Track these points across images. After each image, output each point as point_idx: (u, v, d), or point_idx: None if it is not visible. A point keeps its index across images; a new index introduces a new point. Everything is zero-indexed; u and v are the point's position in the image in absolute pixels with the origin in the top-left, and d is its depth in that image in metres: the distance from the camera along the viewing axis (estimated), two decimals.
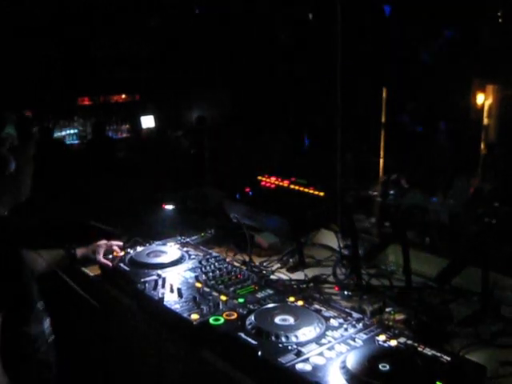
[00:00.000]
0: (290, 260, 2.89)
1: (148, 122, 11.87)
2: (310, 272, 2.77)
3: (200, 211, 3.38)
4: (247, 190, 3.00)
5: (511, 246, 2.59)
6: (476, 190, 4.05)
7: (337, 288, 2.52)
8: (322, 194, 2.68)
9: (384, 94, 6.84)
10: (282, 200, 2.88)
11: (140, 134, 11.62)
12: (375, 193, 3.61)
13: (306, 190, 2.79)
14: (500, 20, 8.22)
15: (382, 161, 6.00)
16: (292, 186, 2.88)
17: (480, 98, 8.56)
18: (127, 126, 11.95)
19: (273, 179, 3.00)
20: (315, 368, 1.78)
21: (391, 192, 3.73)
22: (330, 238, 2.96)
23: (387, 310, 2.32)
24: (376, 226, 3.19)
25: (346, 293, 2.47)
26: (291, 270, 2.80)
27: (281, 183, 2.97)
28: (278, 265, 2.84)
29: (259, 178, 3.01)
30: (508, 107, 8.21)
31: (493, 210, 3.32)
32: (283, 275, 2.73)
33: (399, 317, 2.28)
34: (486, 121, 8.36)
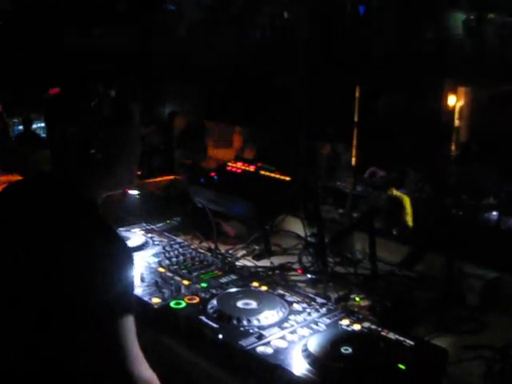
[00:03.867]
0: (256, 248, 2.84)
1: None
2: (277, 260, 2.74)
3: (166, 198, 3.33)
4: (212, 174, 2.96)
5: (475, 235, 2.58)
6: (440, 183, 4.07)
7: (300, 271, 2.49)
8: (288, 179, 2.64)
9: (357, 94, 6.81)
10: (248, 185, 2.85)
11: None
12: (344, 184, 3.58)
13: (273, 175, 2.75)
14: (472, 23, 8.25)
15: (354, 153, 5.99)
16: (259, 171, 2.84)
17: (451, 100, 8.57)
18: None
19: (239, 164, 2.97)
20: (276, 351, 1.75)
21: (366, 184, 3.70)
22: (297, 226, 2.93)
23: (352, 296, 2.29)
24: (344, 215, 3.17)
25: (309, 276, 2.45)
26: (257, 257, 2.76)
27: (247, 168, 2.93)
28: (244, 252, 2.80)
29: (226, 163, 2.97)
30: (479, 109, 8.23)
31: (460, 202, 3.32)
32: (249, 262, 2.69)
33: (364, 303, 2.25)
34: (457, 122, 8.38)
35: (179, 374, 1.97)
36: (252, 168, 2.92)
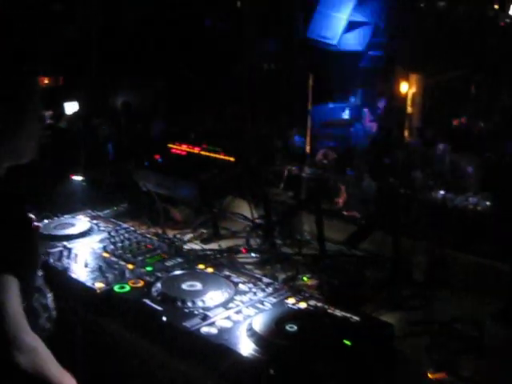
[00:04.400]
0: (204, 232, 2.81)
1: (72, 107, 11.51)
2: (225, 243, 2.71)
3: (113, 184, 3.26)
4: (157, 157, 2.91)
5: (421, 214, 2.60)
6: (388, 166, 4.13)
7: (244, 250, 2.47)
8: (232, 159, 2.61)
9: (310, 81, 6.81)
10: (193, 166, 2.81)
11: (61, 120, 11.27)
12: (294, 168, 3.57)
13: (217, 156, 2.72)
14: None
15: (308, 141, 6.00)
16: (203, 153, 2.80)
17: (404, 87, 8.65)
18: (50, 112, 11.57)
19: (184, 146, 2.92)
20: (221, 331, 1.73)
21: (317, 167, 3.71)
22: (245, 208, 2.91)
23: (300, 276, 2.28)
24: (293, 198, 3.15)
25: (253, 255, 2.43)
26: (205, 241, 2.73)
27: (192, 150, 2.89)
28: (191, 235, 2.76)
29: (170, 145, 2.92)
30: (431, 96, 8.33)
31: (408, 182, 3.36)
32: (197, 246, 2.65)
33: (312, 283, 2.24)
34: (409, 109, 8.46)
35: (124, 358, 1.93)
36: (196, 150, 2.88)
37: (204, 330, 1.73)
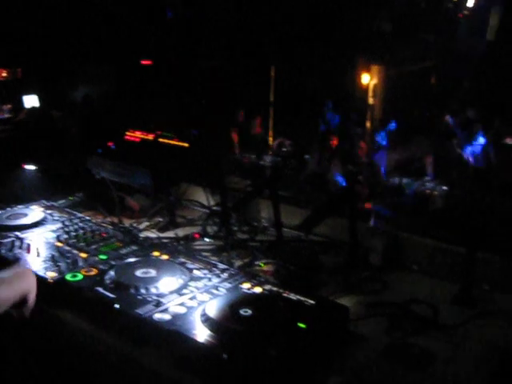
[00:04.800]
0: (161, 220, 2.78)
1: (31, 101, 11.30)
2: (182, 231, 2.68)
3: (68, 174, 3.20)
4: (110, 144, 2.86)
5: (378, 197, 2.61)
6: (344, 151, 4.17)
7: (197, 235, 2.44)
8: (186, 145, 2.58)
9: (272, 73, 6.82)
10: (147, 153, 2.77)
11: (21, 113, 11.06)
12: (253, 156, 3.56)
13: (171, 142, 2.68)
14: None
15: (271, 134, 6.01)
16: (157, 139, 2.76)
17: (365, 78, 8.70)
18: (9, 105, 11.34)
19: (138, 133, 2.88)
20: (175, 317, 1.71)
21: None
22: (201, 196, 2.88)
23: (257, 262, 2.26)
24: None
25: (207, 240, 2.41)
26: (162, 229, 2.70)
27: (146, 136, 2.85)
28: (147, 223, 2.73)
29: (123, 132, 2.88)
30: (392, 87, 8.40)
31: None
32: (153, 234, 2.62)
33: (268, 268, 2.22)
34: (371, 100, 8.51)
35: (77, 347, 1.90)
36: (151, 136, 2.84)
37: (157, 316, 1.71)
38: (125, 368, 1.76)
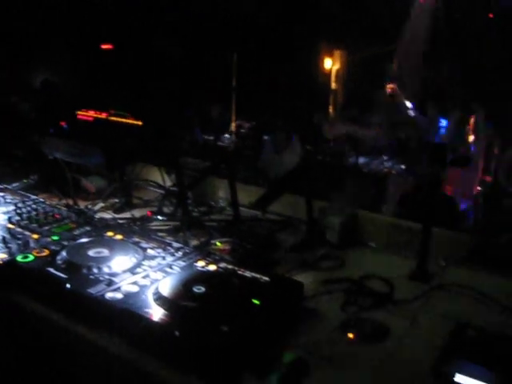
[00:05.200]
0: (117, 201, 2.73)
1: None
2: (138, 212, 2.64)
3: (21, 156, 3.13)
4: (62, 123, 2.80)
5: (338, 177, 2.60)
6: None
7: (149, 213, 2.41)
8: (140, 123, 2.54)
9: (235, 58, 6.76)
10: (100, 132, 2.72)
11: None
12: (211, 137, 3.53)
13: (125, 120, 2.63)
14: None
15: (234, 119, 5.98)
16: (111, 118, 2.71)
17: (328, 63, 8.69)
18: None
19: (91, 112, 2.82)
20: (127, 296, 1.67)
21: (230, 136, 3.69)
22: (157, 176, 2.84)
23: (213, 241, 2.24)
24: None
25: (160, 218, 2.38)
26: (118, 211, 2.66)
27: (99, 115, 2.79)
28: (102, 204, 2.68)
29: (76, 111, 2.82)
30: (354, 72, 8.40)
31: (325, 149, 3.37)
32: (108, 215, 2.58)
33: (225, 247, 2.20)
34: (333, 85, 8.51)
35: (29, 329, 1.86)
36: (104, 115, 2.79)
37: (109, 295, 1.67)
38: (78, 349, 1.73)
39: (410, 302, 1.93)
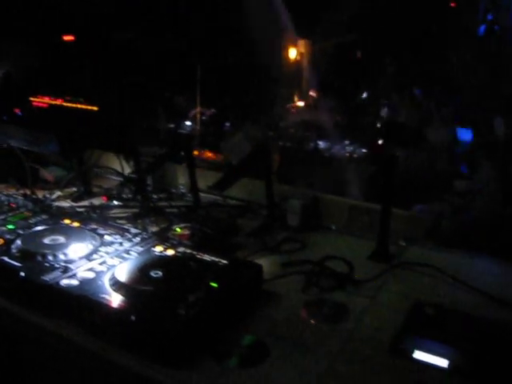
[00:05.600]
0: (75, 190, 2.69)
1: None
2: (98, 201, 2.61)
3: None
4: (16, 110, 2.74)
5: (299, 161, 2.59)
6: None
7: (104, 198, 2.38)
8: (95, 108, 2.49)
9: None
10: (55, 118, 2.66)
11: None
12: (172, 125, 3.49)
13: (80, 106, 2.59)
14: None
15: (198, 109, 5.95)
16: (66, 104, 2.66)
17: (292, 53, 8.69)
18: None
19: (46, 98, 2.77)
20: (83, 282, 1.65)
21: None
22: (116, 163, 2.80)
23: (173, 227, 2.22)
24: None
25: (116, 203, 2.35)
26: (76, 199, 2.61)
27: (54, 102, 2.74)
28: (59, 193, 2.64)
29: (30, 98, 2.76)
30: (319, 60, 8.41)
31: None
32: (67, 204, 2.54)
33: (184, 232, 2.18)
34: (299, 73, 8.51)
35: None
36: (59, 101, 2.73)
37: (64, 282, 1.64)
38: (34, 338, 1.70)
39: (370, 281, 1.92)
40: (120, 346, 1.51)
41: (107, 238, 1.94)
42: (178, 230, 2.20)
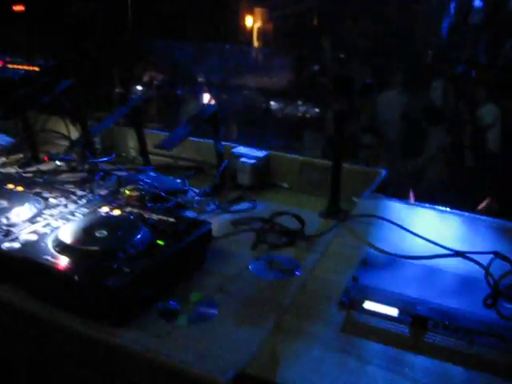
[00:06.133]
0: (22, 156, 2.62)
1: None
2: (46, 167, 2.54)
3: None
4: None
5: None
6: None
7: (46, 158, 2.33)
8: (36, 69, 2.41)
9: None
10: None
11: None
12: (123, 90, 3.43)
13: (21, 67, 2.50)
14: None
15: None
16: (6, 66, 2.56)
17: (249, 21, 8.59)
18: None
19: None
20: (25, 245, 1.60)
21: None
22: (63, 128, 2.73)
23: (122, 190, 2.17)
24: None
25: (58, 163, 2.29)
26: (23, 165, 2.54)
27: None
28: (4, 159, 2.57)
29: None
30: (277, 29, 8.34)
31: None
32: (13, 170, 2.47)
33: (133, 194, 2.13)
34: (256, 43, 8.44)
35: None
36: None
37: (5, 245, 1.60)
38: None
39: (321, 236, 1.91)
40: (65, 308, 1.48)
41: (52, 200, 1.89)
42: (127, 191, 2.15)
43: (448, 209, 2.06)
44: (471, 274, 1.62)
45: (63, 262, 1.51)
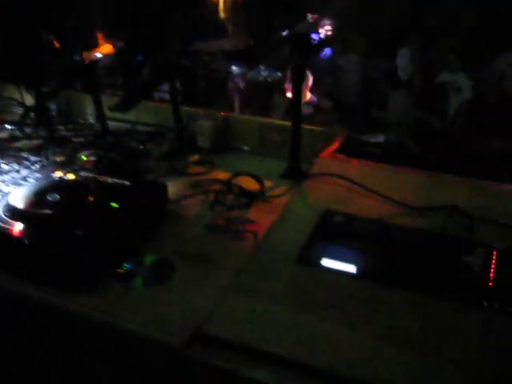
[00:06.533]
0: None
1: None
2: (1, 134, 2.47)
3: None
4: None
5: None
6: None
7: None
8: None
9: None
10: None
11: None
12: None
13: None
14: None
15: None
16: None
17: None
18: None
19: None
20: None
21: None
22: (17, 94, 2.66)
23: (79, 155, 2.13)
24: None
25: (8, 126, 2.24)
26: None
27: None
28: None
29: None
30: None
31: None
32: None
33: (90, 159, 2.09)
34: (222, 14, 8.31)
35: None
36: None
37: None
38: None
39: (280, 197, 1.90)
40: (21, 275, 1.45)
41: (4, 166, 1.85)
42: (84, 157, 2.11)
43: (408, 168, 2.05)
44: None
45: (14, 226, 1.47)
